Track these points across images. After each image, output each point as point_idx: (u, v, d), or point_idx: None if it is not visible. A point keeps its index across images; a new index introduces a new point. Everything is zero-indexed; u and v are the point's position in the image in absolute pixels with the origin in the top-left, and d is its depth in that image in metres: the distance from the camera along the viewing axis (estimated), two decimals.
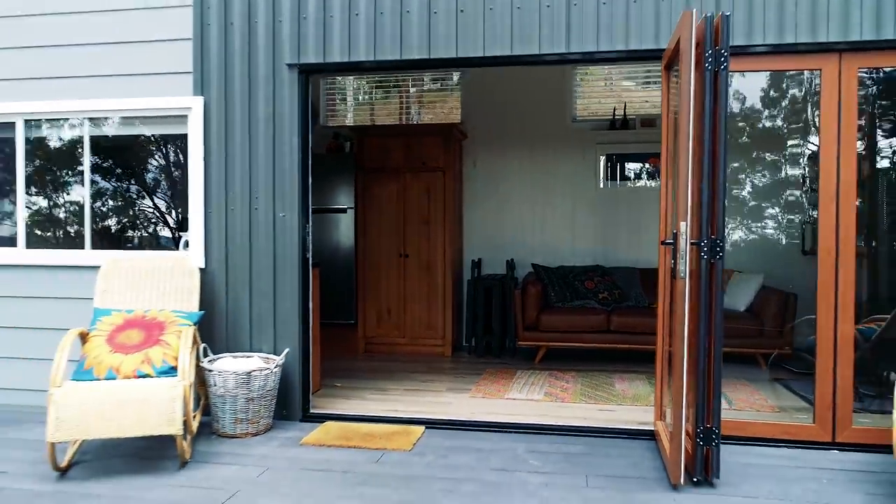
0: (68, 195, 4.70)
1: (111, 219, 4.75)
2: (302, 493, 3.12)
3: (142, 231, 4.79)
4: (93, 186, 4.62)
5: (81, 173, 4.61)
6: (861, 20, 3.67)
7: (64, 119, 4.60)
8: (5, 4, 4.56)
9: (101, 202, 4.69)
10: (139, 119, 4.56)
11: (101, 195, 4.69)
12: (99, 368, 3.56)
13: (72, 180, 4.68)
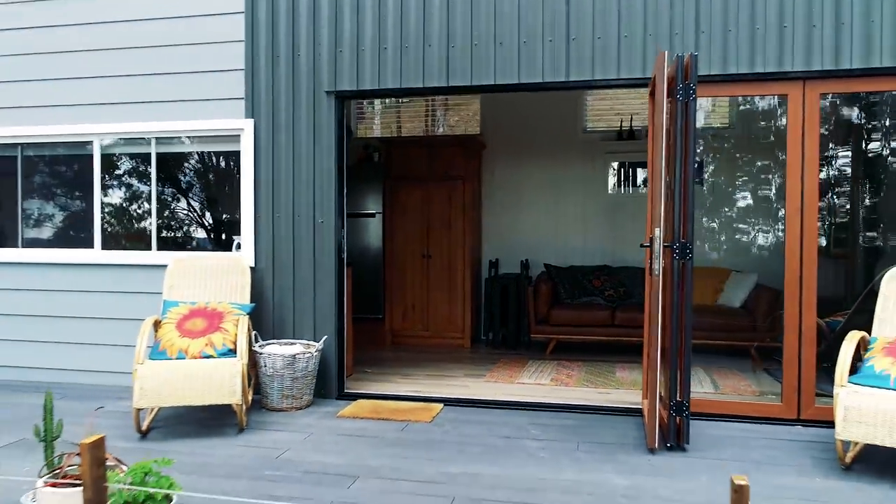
0: (137, 204, 5.44)
1: (173, 223, 5.48)
2: (339, 451, 3.78)
3: (199, 234, 5.51)
4: (158, 196, 5.35)
5: (149, 184, 5.34)
6: (822, 52, 4.23)
7: (134, 138, 5.34)
8: (84, 40, 5.31)
9: (165, 209, 5.42)
10: (198, 138, 5.28)
11: (165, 203, 5.42)
12: (171, 350, 4.27)
13: (141, 190, 5.41)
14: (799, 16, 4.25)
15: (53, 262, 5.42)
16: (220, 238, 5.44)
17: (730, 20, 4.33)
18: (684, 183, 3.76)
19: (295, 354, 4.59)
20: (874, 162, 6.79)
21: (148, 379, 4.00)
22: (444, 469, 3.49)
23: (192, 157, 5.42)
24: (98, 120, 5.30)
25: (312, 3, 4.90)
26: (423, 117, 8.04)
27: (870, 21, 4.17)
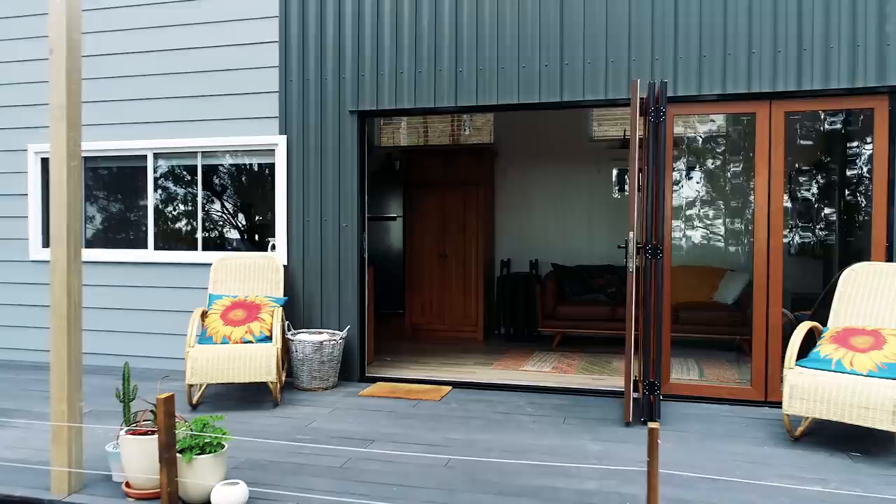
0: (185, 209, 6.17)
1: (216, 226, 6.19)
2: (359, 422, 4.44)
3: (238, 236, 6.22)
4: (203, 202, 6.07)
5: (195, 192, 6.07)
6: (786, 75, 4.76)
7: (183, 152, 6.07)
8: (141, 66, 6.06)
9: (209, 214, 6.14)
10: (238, 152, 5.99)
11: (209, 209, 6.14)
12: (216, 336, 4.97)
13: (188, 197, 6.14)
14: (766, 43, 4.79)
15: (113, 260, 6.17)
16: (257, 239, 6.14)
17: (704, 47, 4.89)
18: (657, 192, 4.34)
19: (322, 342, 5.26)
20: (843, 172, 7.33)
21: (198, 360, 4.70)
22: (446, 436, 4.13)
23: (233, 169, 6.13)
24: (152, 136, 6.04)
25: (338, 34, 5.58)
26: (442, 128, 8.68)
27: (829, 47, 4.69)
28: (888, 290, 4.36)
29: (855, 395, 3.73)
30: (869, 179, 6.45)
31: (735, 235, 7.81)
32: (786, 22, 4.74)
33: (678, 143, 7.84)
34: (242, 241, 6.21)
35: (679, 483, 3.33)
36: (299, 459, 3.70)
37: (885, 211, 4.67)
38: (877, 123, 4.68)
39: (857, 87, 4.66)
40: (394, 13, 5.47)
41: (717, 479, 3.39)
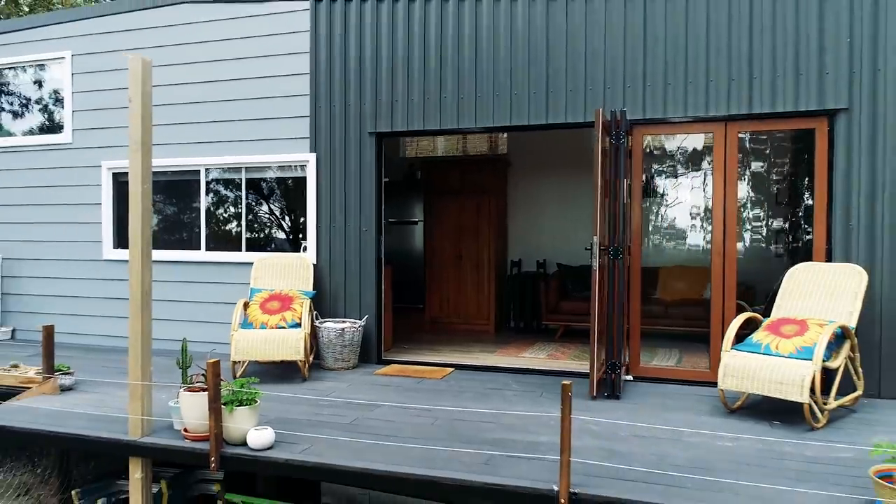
0: (230, 216, 7.21)
1: (257, 231, 7.22)
2: (371, 393, 5.37)
3: (276, 239, 7.23)
4: (246, 210, 7.11)
5: (240, 202, 7.11)
6: (739, 100, 5.50)
7: (229, 168, 7.12)
8: (194, 94, 7.13)
9: (251, 220, 7.18)
10: (275, 167, 7.01)
11: (251, 216, 7.17)
12: (256, 323, 5.97)
13: (233, 206, 7.18)
14: (721, 72, 5.53)
15: (172, 259, 7.26)
16: (291, 242, 7.14)
17: (668, 76, 5.66)
18: (617, 202, 5.15)
19: (344, 329, 6.22)
20: (797, 183, 8.04)
21: (240, 342, 5.72)
22: (438, 404, 5.02)
23: (271, 181, 7.15)
24: (204, 154, 7.11)
25: (359, 68, 6.54)
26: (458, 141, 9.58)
27: (776, 76, 5.41)
28: (821, 286, 5.08)
29: (774, 373, 4.48)
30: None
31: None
32: (738, 54, 5.49)
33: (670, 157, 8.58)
34: (279, 243, 7.22)
35: (614, 439, 4.16)
36: (317, 418, 4.65)
37: (825, 217, 5.37)
38: (818, 142, 5.39)
39: (800, 111, 5.37)
40: (406, 50, 6.39)
41: (646, 437, 4.21)
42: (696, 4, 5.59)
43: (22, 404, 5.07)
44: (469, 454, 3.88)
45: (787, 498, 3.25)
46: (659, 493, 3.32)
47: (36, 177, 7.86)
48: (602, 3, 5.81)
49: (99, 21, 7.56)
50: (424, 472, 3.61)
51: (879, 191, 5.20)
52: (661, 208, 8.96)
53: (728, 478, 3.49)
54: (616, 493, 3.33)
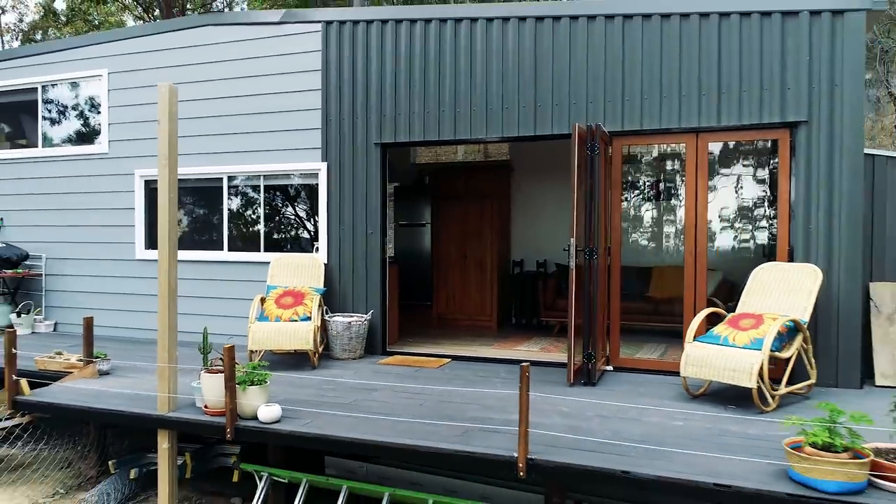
0: (250, 219, 7.88)
1: (274, 233, 7.87)
2: (372, 380, 5.97)
3: (290, 240, 7.88)
4: (264, 214, 7.77)
5: (258, 206, 7.77)
6: (709, 113, 5.99)
7: (249, 175, 7.79)
8: (216, 108, 7.81)
9: (269, 223, 7.84)
10: (290, 175, 7.65)
11: (269, 219, 7.83)
12: (271, 316, 6.61)
13: (252, 210, 7.85)
14: (692, 87, 6.03)
15: (197, 259, 7.95)
16: (304, 243, 7.78)
17: (644, 92, 6.17)
18: (592, 207, 5.68)
19: (350, 322, 6.84)
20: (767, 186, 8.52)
21: (256, 333, 6.36)
22: (430, 388, 5.60)
23: (287, 188, 7.80)
24: (226, 163, 7.79)
25: (365, 85, 7.15)
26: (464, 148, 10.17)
27: (742, 91, 5.90)
28: (781, 284, 5.56)
29: (728, 361, 4.98)
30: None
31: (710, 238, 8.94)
32: (708, 71, 5.98)
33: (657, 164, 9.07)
34: (294, 244, 7.86)
35: (579, 418, 4.71)
36: (321, 399, 5.27)
37: (787, 220, 5.84)
38: (780, 151, 5.86)
39: (764, 123, 5.85)
40: (408, 68, 6.99)
41: (608, 417, 4.74)
42: (669, 27, 6.09)
43: (66, 385, 5.77)
44: (448, 428, 4.45)
45: (713, 463, 3.77)
46: (602, 459, 3.86)
47: (76, 184, 8.62)
48: (584, 27, 6.35)
49: (132, 42, 8.29)
50: (406, 441, 4.20)
51: (836, 196, 5.66)
52: (650, 212, 9.43)
53: (671, 449, 4.01)
54: (565, 459, 3.88)
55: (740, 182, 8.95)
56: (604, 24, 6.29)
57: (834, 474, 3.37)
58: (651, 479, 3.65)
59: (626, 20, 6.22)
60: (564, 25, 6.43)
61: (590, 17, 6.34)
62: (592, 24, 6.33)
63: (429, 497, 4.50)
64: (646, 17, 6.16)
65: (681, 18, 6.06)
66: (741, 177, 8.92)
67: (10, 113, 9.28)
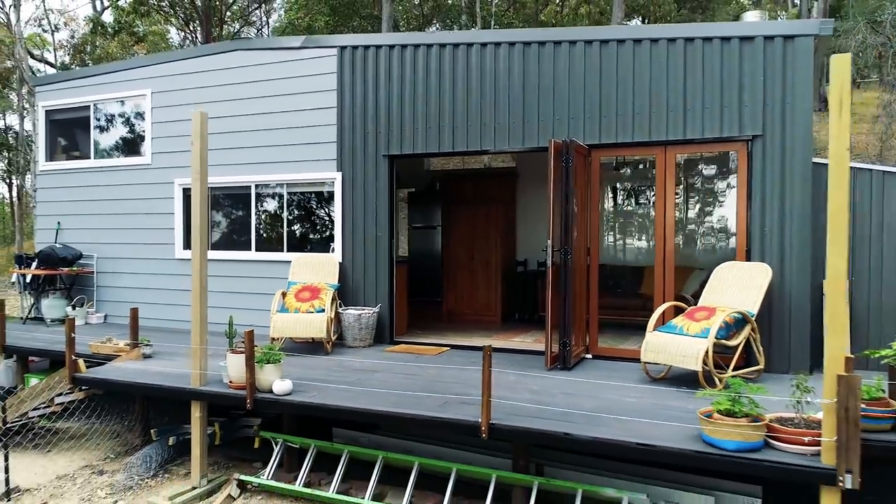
0: (274, 222, 8.81)
1: (295, 234, 8.79)
2: (378, 363, 6.81)
3: (310, 241, 8.78)
4: (287, 218, 8.69)
5: (281, 211, 8.70)
6: (675, 128, 6.69)
7: (273, 184, 8.73)
8: (245, 124, 8.77)
9: (291, 226, 8.76)
10: (309, 183, 8.56)
11: (291, 222, 8.75)
12: (290, 308, 7.52)
13: (276, 214, 8.78)
14: (661, 105, 6.74)
15: (229, 259, 8.92)
16: (322, 244, 8.68)
17: (619, 109, 6.90)
18: (567, 213, 6.43)
19: (361, 314, 7.71)
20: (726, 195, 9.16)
21: (277, 322, 7.28)
22: (425, 371, 6.43)
23: (307, 194, 8.71)
24: (253, 173, 8.75)
25: (375, 103, 8.02)
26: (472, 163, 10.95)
27: (705, 108, 6.59)
28: (737, 281, 6.24)
29: (680, 348, 5.70)
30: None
31: (696, 239, 9.57)
32: (675, 89, 6.68)
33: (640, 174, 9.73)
34: (313, 245, 8.77)
35: (545, 394, 5.48)
36: (329, 377, 6.13)
37: (745, 224, 6.50)
38: (739, 161, 6.53)
39: (724, 136, 6.53)
40: (412, 91, 7.84)
41: (571, 394, 5.50)
42: (640, 52, 6.81)
43: (115, 365, 6.77)
44: (432, 399, 5.28)
45: (646, 429, 4.51)
46: (553, 424, 4.64)
47: (123, 191, 9.69)
48: (566, 52, 7.10)
49: (172, 65, 9.32)
50: (391, 409, 5.04)
51: (788, 201, 6.31)
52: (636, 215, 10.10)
53: (616, 417, 4.76)
54: (521, 424, 4.66)
55: (708, 189, 9.58)
56: (583, 48, 7.04)
57: (732, 435, 4.09)
58: (587, 440, 4.42)
59: (602, 45, 6.96)
60: (548, 50, 7.19)
61: (571, 43, 7.09)
62: (573, 48, 7.08)
63: (415, 459, 5.34)
64: (620, 42, 6.89)
65: (651, 43, 6.77)
66: (709, 184, 9.55)
67: (66, 128, 10.42)
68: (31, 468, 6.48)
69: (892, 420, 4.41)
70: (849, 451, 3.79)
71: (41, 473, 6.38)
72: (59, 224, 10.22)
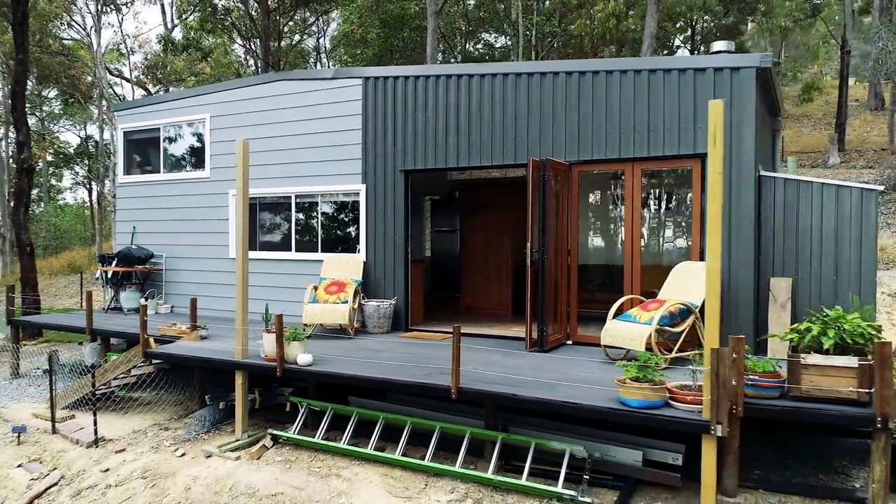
0: (309, 227, 10.29)
1: (328, 238, 10.24)
2: (387, 346, 8.17)
3: (340, 243, 10.21)
4: (321, 223, 10.16)
5: (316, 217, 10.18)
6: (641, 146, 7.80)
7: (309, 194, 10.22)
8: (286, 143, 10.29)
9: (325, 231, 10.22)
10: (339, 194, 10.01)
11: (325, 228, 10.22)
12: (320, 300, 8.96)
13: (311, 221, 10.25)
14: (628, 126, 7.85)
15: (273, 258, 10.46)
16: (350, 245, 10.11)
17: (594, 129, 8.05)
18: (544, 219, 7.64)
19: (379, 305, 9.09)
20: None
21: (309, 311, 8.73)
22: (424, 352, 7.74)
23: (338, 203, 10.15)
24: (292, 185, 10.26)
25: (394, 123, 9.39)
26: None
27: (666, 128, 7.67)
28: (688, 278, 7.32)
29: (629, 333, 6.83)
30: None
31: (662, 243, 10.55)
32: (641, 112, 7.79)
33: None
34: (341, 246, 10.21)
35: (513, 369, 6.71)
36: (344, 354, 7.52)
37: (699, 228, 7.56)
38: (694, 175, 7.59)
39: (682, 154, 7.60)
40: (424, 115, 9.18)
41: (536, 369, 6.71)
42: (610, 82, 7.95)
43: (178, 344, 8.35)
44: (420, 370, 6.59)
45: (579, 393, 5.70)
46: (507, 388, 5.88)
47: (186, 200, 11.39)
48: (550, 82, 8.30)
49: (226, 93, 10.94)
50: (383, 376, 6.39)
51: (735, 209, 7.33)
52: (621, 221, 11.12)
53: (558, 383, 5.96)
54: (483, 387, 5.93)
55: (673, 198, 10.57)
56: (564, 78, 8.22)
57: (637, 395, 5.26)
58: (530, 399, 5.65)
59: (580, 76, 8.13)
60: (536, 80, 8.40)
61: (554, 74, 8.28)
62: (556, 79, 8.27)
63: (408, 419, 6.66)
64: (595, 73, 8.05)
65: (621, 74, 7.90)
66: (676, 194, 10.54)
67: (140, 146, 12.22)
68: (112, 425, 8.12)
69: (780, 389, 5.47)
70: (719, 407, 4.91)
71: (120, 429, 8.01)
72: (134, 228, 12.01)
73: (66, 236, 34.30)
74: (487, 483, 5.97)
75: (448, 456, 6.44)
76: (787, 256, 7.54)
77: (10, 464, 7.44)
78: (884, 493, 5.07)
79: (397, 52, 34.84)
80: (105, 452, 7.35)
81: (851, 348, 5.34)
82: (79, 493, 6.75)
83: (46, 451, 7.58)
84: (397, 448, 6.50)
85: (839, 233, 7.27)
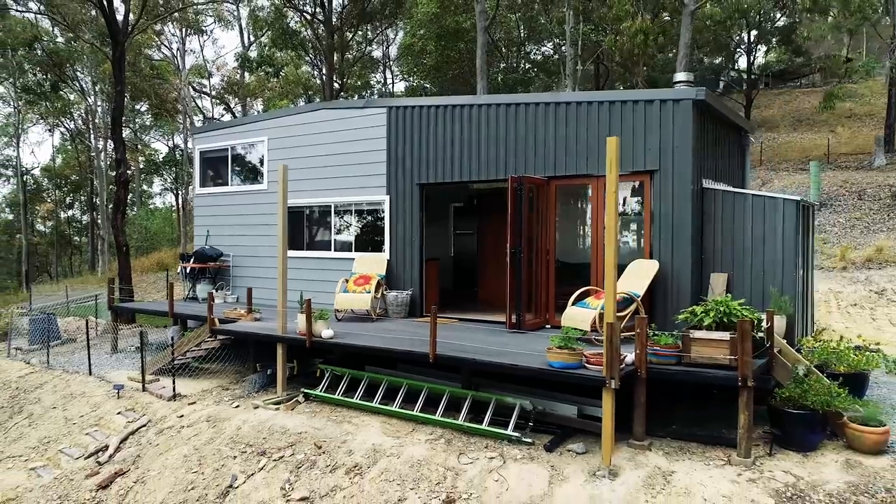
0: (345, 231, 12.37)
1: (359, 240, 12.29)
2: (404, 327, 10.11)
3: (370, 243, 12.23)
4: (355, 228, 12.23)
5: (350, 223, 12.24)
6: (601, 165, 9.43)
7: (345, 202, 12.30)
8: (324, 160, 12.41)
9: (358, 234, 12.26)
10: (368, 203, 12.04)
11: (357, 232, 12.27)
12: (350, 290, 10.99)
13: (347, 227, 12.33)
14: (594, 150, 9.50)
15: (316, 257, 12.61)
16: (377, 246, 12.11)
17: (568, 150, 9.74)
18: (519, 223, 9.39)
19: (397, 295, 11.06)
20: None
21: (339, 299, 10.80)
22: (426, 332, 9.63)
23: (368, 211, 12.18)
24: (331, 196, 12.38)
25: (411, 146, 11.35)
26: None
27: (624, 149, 9.28)
28: (637, 273, 8.93)
29: (580, 316, 8.52)
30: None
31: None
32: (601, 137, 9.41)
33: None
34: (370, 247, 12.23)
35: (491, 343, 8.53)
36: (361, 331, 9.50)
37: (648, 231, 9.13)
38: (645, 188, 9.18)
39: (636, 171, 9.20)
40: (435, 137, 11.09)
41: (507, 342, 8.50)
42: (578, 112, 9.62)
43: (238, 323, 10.58)
44: (414, 343, 8.50)
45: (525, 359, 7.45)
46: (473, 355, 7.71)
47: (249, 209, 13.71)
48: (533, 111, 10.05)
49: (281, 119, 13.19)
50: (386, 345, 8.34)
51: (676, 216, 8.88)
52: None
53: (516, 352, 7.73)
54: (457, 353, 7.78)
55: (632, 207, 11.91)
56: (544, 107, 9.95)
57: (558, 358, 6.99)
58: (482, 362, 7.47)
59: (556, 106, 9.84)
60: (521, 108, 10.17)
61: (536, 104, 10.02)
62: (537, 108, 10.01)
63: (404, 380, 8.59)
64: (567, 104, 9.74)
65: (587, 105, 9.57)
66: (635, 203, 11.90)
67: (212, 164, 14.66)
68: (187, 386, 10.42)
69: (676, 358, 7.08)
70: (612, 366, 6.58)
71: (192, 388, 10.30)
72: (207, 232, 14.45)
73: (156, 238, 38.07)
74: (458, 428, 7.82)
75: (434, 411, 8.33)
76: (725, 256, 9.02)
77: (112, 411, 9.84)
78: (747, 436, 6.63)
79: (454, 63, 36.90)
80: (181, 404, 9.63)
81: (732, 326, 6.91)
82: (161, 431, 9.02)
83: (138, 403, 9.95)
84: (395, 403, 8.44)
85: (766, 236, 8.70)
